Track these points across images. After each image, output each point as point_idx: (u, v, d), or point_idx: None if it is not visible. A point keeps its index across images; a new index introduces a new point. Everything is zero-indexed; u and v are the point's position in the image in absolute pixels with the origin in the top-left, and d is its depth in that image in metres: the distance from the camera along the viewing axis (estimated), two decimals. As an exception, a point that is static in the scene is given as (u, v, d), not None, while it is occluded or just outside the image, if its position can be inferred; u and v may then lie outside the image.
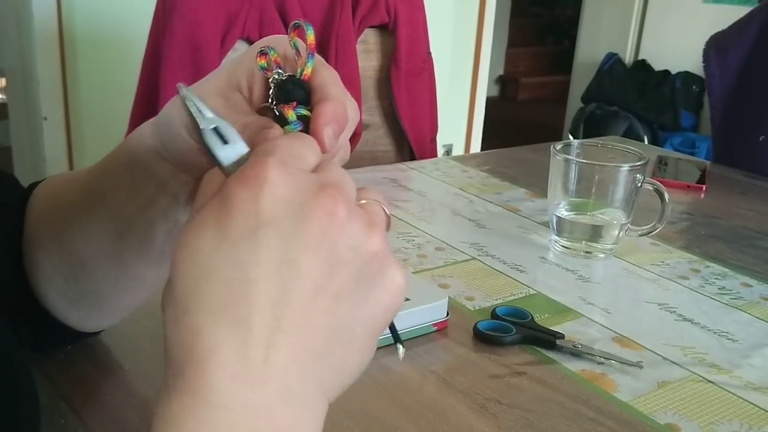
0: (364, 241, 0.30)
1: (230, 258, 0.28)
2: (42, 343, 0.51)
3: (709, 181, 1.04)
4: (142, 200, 0.43)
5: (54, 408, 0.48)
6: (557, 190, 0.77)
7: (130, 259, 0.46)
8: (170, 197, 0.42)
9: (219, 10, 1.05)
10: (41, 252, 0.47)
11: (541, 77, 5.34)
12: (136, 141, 0.42)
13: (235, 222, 0.28)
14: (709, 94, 1.23)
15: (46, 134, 1.86)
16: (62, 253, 0.47)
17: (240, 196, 0.28)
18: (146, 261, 0.46)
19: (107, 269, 0.46)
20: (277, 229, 0.28)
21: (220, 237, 0.28)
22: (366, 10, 1.20)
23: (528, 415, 0.50)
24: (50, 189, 0.50)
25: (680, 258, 0.78)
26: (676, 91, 3.51)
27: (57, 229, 0.47)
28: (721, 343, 0.61)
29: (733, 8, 3.19)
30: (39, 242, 0.48)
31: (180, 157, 0.39)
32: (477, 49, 2.71)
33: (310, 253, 0.28)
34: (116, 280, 0.47)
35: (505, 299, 0.66)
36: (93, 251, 0.46)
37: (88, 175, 0.47)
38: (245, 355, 0.27)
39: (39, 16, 1.77)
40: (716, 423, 0.51)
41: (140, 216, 0.43)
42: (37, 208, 0.49)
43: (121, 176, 0.44)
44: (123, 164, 0.44)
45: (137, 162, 0.42)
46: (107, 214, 0.45)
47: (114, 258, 0.46)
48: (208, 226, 0.29)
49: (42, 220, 0.48)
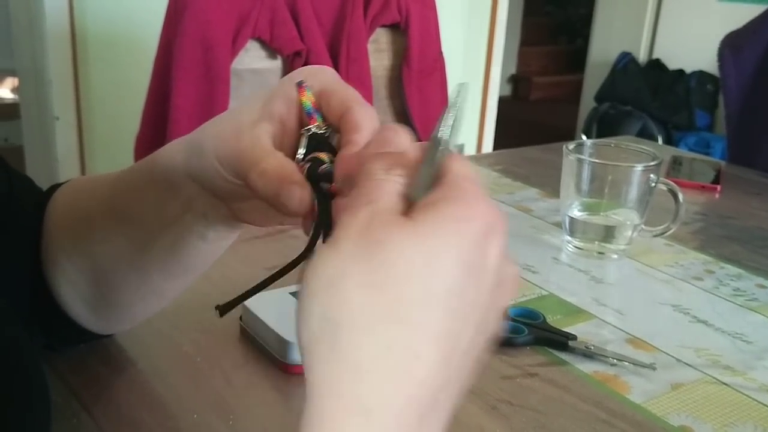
0: (503, 249, 0.29)
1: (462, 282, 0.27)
2: (54, 341, 0.51)
3: (723, 182, 1.03)
4: (168, 217, 0.42)
5: (66, 407, 0.48)
6: (570, 191, 0.77)
7: (153, 272, 0.46)
8: (197, 215, 0.42)
9: (230, 10, 1.06)
10: (63, 256, 0.47)
11: (554, 76, 5.32)
12: (166, 160, 0.42)
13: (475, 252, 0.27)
14: (724, 94, 1.22)
15: (58, 134, 1.87)
16: (85, 260, 0.47)
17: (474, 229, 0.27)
18: (169, 275, 0.46)
19: (129, 280, 0.46)
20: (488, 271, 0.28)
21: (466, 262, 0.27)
22: (377, 9, 1.19)
23: (540, 416, 0.50)
24: (72, 194, 0.50)
25: (694, 259, 0.77)
26: (690, 90, 3.49)
27: (80, 237, 0.47)
28: (735, 345, 0.60)
29: (748, 7, 3.16)
30: (61, 246, 0.48)
31: (214, 186, 0.38)
32: (489, 48, 2.70)
33: None
34: (137, 291, 0.47)
35: (518, 300, 0.66)
36: (116, 262, 0.46)
37: (113, 186, 0.46)
38: None
39: (51, 16, 1.78)
40: (730, 425, 0.50)
41: (165, 232, 0.43)
42: (59, 212, 0.49)
43: (147, 192, 0.43)
44: (150, 180, 0.43)
45: (166, 181, 0.41)
46: (132, 228, 0.44)
47: (136, 270, 0.46)
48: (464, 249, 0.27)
49: (64, 226, 0.48)
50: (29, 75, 1.95)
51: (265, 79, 1.12)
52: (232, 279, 0.64)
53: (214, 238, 0.43)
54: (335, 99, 0.35)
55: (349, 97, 0.35)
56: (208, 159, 0.37)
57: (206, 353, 0.54)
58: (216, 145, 0.37)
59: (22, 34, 1.92)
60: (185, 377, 0.52)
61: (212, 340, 0.56)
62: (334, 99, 0.35)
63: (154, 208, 0.43)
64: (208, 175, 0.38)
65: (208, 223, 0.42)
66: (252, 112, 0.37)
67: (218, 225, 0.42)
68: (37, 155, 2.02)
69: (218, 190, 0.39)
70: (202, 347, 0.55)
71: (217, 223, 0.42)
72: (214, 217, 0.42)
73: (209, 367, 0.53)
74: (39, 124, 1.96)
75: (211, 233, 0.43)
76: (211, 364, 0.53)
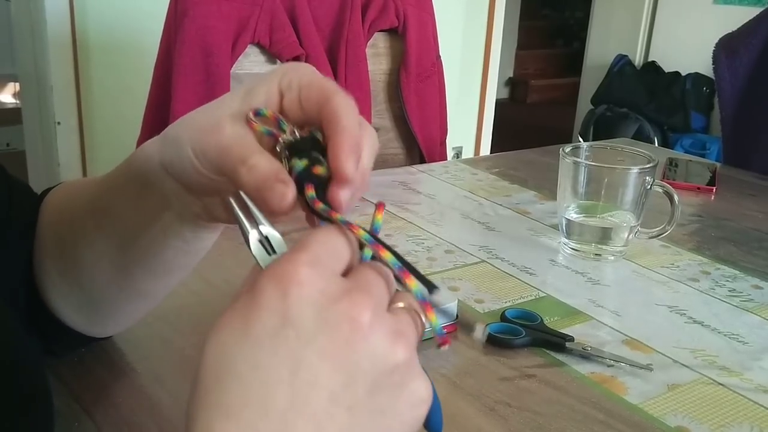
0: (385, 352, 0.28)
1: (250, 357, 0.27)
2: (52, 346, 0.52)
3: (719, 183, 1.04)
4: (146, 215, 0.43)
5: (67, 410, 0.48)
6: (567, 193, 0.77)
7: (135, 271, 0.46)
8: (174, 214, 0.42)
9: (230, 16, 1.06)
10: (49, 259, 0.48)
11: (550, 79, 5.33)
12: (145, 156, 0.42)
13: (260, 319, 0.28)
14: (719, 96, 1.23)
15: (59, 139, 1.88)
16: (67, 261, 0.47)
17: (268, 293, 0.28)
18: (151, 274, 0.46)
19: (111, 280, 0.47)
20: (299, 332, 0.27)
21: (244, 333, 0.28)
22: (375, 14, 1.20)
23: (538, 417, 0.50)
24: (60, 196, 0.50)
25: (690, 260, 0.78)
26: (686, 92, 3.50)
27: (64, 240, 0.47)
28: (731, 346, 0.61)
29: (743, 9, 3.17)
30: (47, 249, 0.48)
31: (187, 179, 0.38)
32: (486, 52, 2.71)
33: (327, 361, 0.27)
34: (120, 291, 0.47)
35: (515, 302, 0.66)
36: (97, 262, 0.46)
37: (97, 186, 0.47)
38: None
39: (52, 22, 1.79)
40: (726, 426, 0.50)
41: (144, 230, 0.43)
42: (47, 214, 0.49)
43: (126, 190, 0.43)
44: (129, 178, 0.43)
45: (143, 177, 0.42)
46: (112, 226, 0.45)
47: (118, 270, 0.46)
48: (236, 320, 0.28)
49: (50, 230, 0.48)
50: (31, 80, 1.96)
51: (264, 83, 1.13)
52: (232, 283, 0.64)
53: (192, 239, 0.44)
54: (314, 91, 0.35)
55: (328, 88, 0.35)
56: (183, 150, 0.37)
57: (207, 356, 0.55)
58: (192, 136, 0.36)
59: (24, 40, 1.93)
60: (186, 381, 0.51)
61: (213, 344, 0.56)
62: (312, 91, 0.35)
63: (133, 206, 0.43)
64: (181, 167, 0.38)
65: (183, 222, 0.42)
66: (232, 105, 0.36)
67: (193, 224, 0.43)
68: (38, 160, 2.02)
69: (191, 183, 0.39)
70: (202, 350, 0.55)
71: (192, 221, 0.42)
72: (189, 215, 0.42)
73: (210, 370, 0.53)
74: (41, 129, 1.96)
75: (188, 233, 0.43)
76: (211, 367, 0.53)
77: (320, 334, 0.28)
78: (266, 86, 0.36)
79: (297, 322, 0.28)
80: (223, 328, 0.28)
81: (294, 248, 0.30)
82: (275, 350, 0.27)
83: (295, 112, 0.36)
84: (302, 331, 0.28)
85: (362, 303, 0.28)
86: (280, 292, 0.28)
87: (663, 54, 3.70)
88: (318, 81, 0.36)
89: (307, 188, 0.33)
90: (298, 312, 0.28)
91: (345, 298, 0.28)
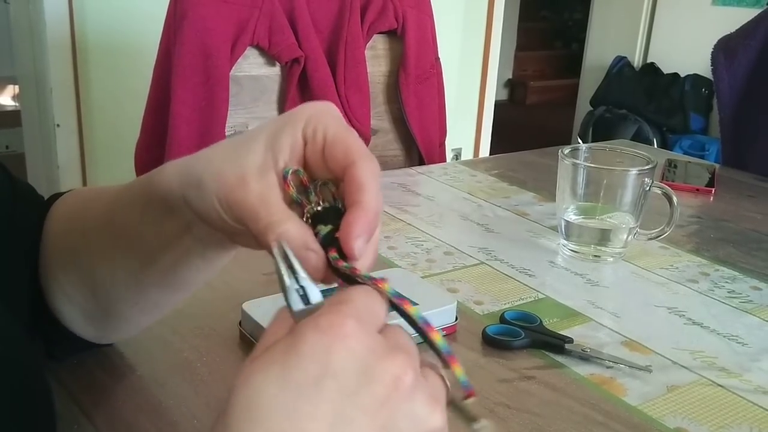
0: (425, 416, 0.29)
1: (288, 406, 0.27)
2: (54, 350, 0.52)
3: (718, 184, 1.04)
4: (167, 238, 0.42)
5: (67, 413, 0.48)
6: (566, 194, 0.77)
7: (151, 287, 0.46)
8: (197, 239, 0.42)
9: (229, 18, 1.06)
10: (60, 269, 0.48)
11: (549, 81, 5.34)
12: (167, 185, 0.41)
13: (302, 368, 0.27)
14: (718, 98, 1.23)
15: (59, 141, 1.88)
16: (82, 274, 0.47)
17: (312, 342, 0.28)
18: (170, 289, 0.46)
19: (127, 295, 0.46)
20: (341, 384, 0.27)
21: (283, 380, 0.27)
22: (374, 15, 1.20)
23: (537, 419, 0.50)
24: (71, 205, 0.50)
25: (689, 261, 0.78)
26: (685, 94, 3.51)
27: (78, 251, 0.47)
28: (730, 347, 0.61)
29: (741, 11, 3.18)
30: (58, 259, 0.48)
31: (212, 222, 0.38)
32: (485, 53, 2.72)
33: (368, 416, 0.27)
34: (135, 304, 0.47)
35: (514, 303, 0.66)
36: (113, 278, 0.46)
37: (112, 201, 0.46)
38: None
39: (51, 24, 1.79)
40: (726, 427, 0.50)
41: (165, 251, 0.43)
42: (57, 224, 0.49)
43: (147, 213, 0.43)
44: (149, 202, 0.42)
45: (164, 203, 0.41)
46: (131, 246, 0.44)
47: (135, 285, 0.46)
48: (274, 366, 0.28)
49: (62, 239, 0.48)
50: (30, 82, 1.96)
51: (264, 85, 1.13)
52: (232, 285, 0.65)
53: (213, 257, 0.44)
54: (339, 149, 0.35)
55: (353, 149, 0.35)
56: (208, 198, 0.36)
57: (206, 359, 0.55)
58: (218, 187, 0.36)
59: (23, 42, 1.93)
60: (185, 383, 0.52)
61: (212, 346, 0.56)
62: (337, 149, 0.35)
63: (153, 228, 0.43)
64: (206, 212, 0.37)
65: (206, 246, 0.42)
66: (256, 154, 0.36)
67: (217, 247, 0.43)
68: (38, 162, 2.02)
69: (215, 226, 0.38)
70: (202, 353, 0.55)
71: (215, 245, 0.42)
72: (212, 241, 0.42)
73: (209, 372, 0.53)
74: (40, 131, 1.97)
75: (210, 253, 0.43)
76: (211, 369, 0.53)
77: (363, 389, 0.28)
78: (291, 136, 0.36)
79: (340, 375, 0.27)
80: (258, 371, 0.28)
81: (336, 301, 0.30)
82: (315, 400, 0.27)
83: (317, 163, 0.36)
84: (344, 384, 0.27)
85: (405, 363, 0.29)
86: (325, 343, 0.28)
87: (662, 55, 3.71)
88: (342, 137, 0.35)
89: (331, 251, 0.34)
90: (342, 365, 0.28)
91: (389, 356, 0.29)
